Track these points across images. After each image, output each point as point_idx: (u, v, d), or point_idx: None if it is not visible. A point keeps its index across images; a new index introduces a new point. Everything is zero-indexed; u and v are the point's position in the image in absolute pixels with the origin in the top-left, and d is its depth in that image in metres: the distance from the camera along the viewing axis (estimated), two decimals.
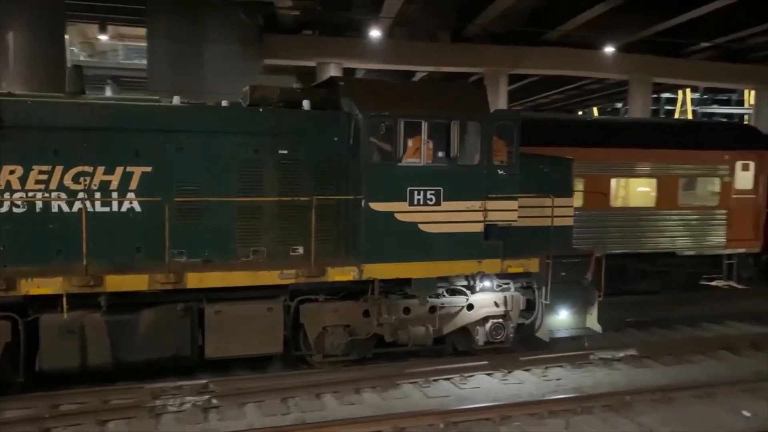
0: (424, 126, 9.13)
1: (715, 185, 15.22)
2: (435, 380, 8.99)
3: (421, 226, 9.23)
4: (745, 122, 39.28)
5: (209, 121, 9.04)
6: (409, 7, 24.02)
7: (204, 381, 8.36)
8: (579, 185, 12.89)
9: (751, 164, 15.31)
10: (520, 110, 27.28)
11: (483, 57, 27.17)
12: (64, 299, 7.79)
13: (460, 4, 24.68)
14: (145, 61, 25.90)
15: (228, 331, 8.64)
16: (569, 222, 10.58)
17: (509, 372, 9.37)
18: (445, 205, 9.30)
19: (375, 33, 24.78)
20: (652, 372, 9.71)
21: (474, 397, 8.43)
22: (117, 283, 8.10)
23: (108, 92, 35.80)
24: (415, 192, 9.16)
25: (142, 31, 26.32)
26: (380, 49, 26.11)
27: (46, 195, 8.19)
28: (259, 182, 9.08)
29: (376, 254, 9.06)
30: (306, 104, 9.38)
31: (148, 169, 8.58)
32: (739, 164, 15.23)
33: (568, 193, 10.72)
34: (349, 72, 30.28)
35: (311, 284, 8.96)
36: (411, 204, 9.14)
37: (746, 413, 8.03)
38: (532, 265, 9.92)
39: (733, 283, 16.13)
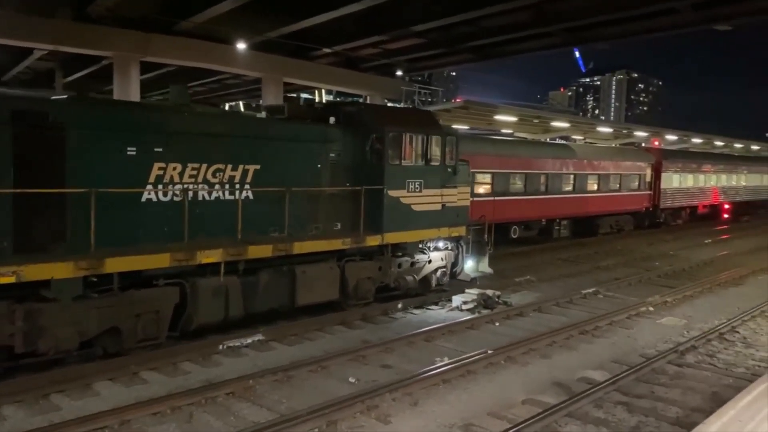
0: (416, 138, 13.12)
1: None
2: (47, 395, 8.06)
3: (413, 207, 13.19)
4: None
5: (292, 131, 11.85)
6: None
7: None
8: None
9: None
10: None
11: (109, 40, 25.34)
12: (222, 266, 10.09)
13: None
14: None
15: (309, 285, 11.59)
16: (467, 203, 14.91)
17: (135, 374, 8.98)
18: (424, 192, 13.41)
19: None
20: (277, 353, 10.28)
21: (90, 407, 7.79)
22: (254, 251, 10.57)
23: None
24: (410, 183, 13.08)
25: None
26: None
27: (195, 186, 10.10)
28: (320, 177, 12.02)
29: (390, 226, 12.71)
30: (332, 120, 12.54)
31: (258, 166, 10.91)
32: None
33: (468, 183, 15.17)
34: None
35: (354, 249, 12.37)
36: (408, 191, 13.05)
37: (352, 379, 9.07)
38: (463, 230, 14.54)
39: None
